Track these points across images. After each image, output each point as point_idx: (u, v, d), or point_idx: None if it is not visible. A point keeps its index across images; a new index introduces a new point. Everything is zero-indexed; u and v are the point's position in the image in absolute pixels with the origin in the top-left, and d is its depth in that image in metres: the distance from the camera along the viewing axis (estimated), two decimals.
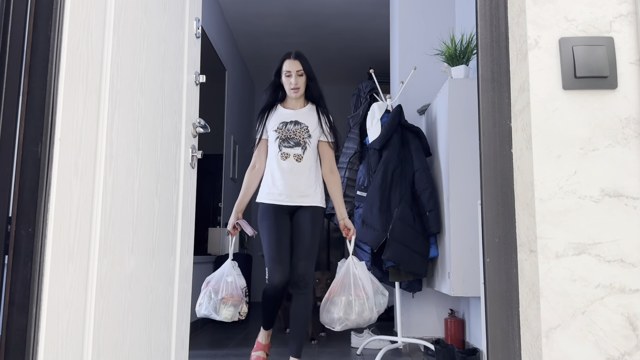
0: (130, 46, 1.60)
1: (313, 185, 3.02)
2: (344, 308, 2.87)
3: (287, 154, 3.00)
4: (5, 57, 1.32)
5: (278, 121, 3.07)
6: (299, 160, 3.00)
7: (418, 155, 3.66)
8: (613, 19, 1.29)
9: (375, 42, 6.41)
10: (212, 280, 3.03)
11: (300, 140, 3.02)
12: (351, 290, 2.89)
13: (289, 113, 3.11)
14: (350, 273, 2.93)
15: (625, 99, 1.26)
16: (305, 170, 3.00)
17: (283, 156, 3.00)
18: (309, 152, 3.03)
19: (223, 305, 2.93)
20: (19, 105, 1.33)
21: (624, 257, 1.22)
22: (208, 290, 3.00)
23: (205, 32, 4.88)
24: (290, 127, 3.04)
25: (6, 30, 1.32)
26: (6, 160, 1.30)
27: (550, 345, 1.20)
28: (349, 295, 2.88)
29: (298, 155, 3.00)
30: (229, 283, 2.97)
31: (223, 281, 2.98)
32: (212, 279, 3.04)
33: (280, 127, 3.05)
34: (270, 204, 3.00)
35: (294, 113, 3.10)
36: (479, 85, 1.40)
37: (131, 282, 1.59)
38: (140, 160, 1.65)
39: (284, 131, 3.03)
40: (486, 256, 1.35)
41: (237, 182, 6.58)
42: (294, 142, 3.01)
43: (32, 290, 1.25)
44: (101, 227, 1.43)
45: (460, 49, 3.64)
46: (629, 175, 1.24)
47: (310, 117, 3.09)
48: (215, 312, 2.93)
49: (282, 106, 3.16)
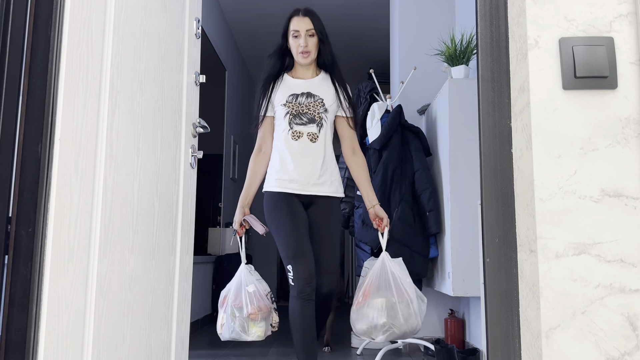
0: (130, 46, 1.60)
1: (330, 171, 2.53)
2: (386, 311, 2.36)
3: (299, 133, 2.49)
4: (5, 57, 1.32)
5: (287, 93, 2.55)
6: (313, 140, 2.49)
7: (418, 155, 3.66)
8: (613, 19, 1.29)
9: (375, 42, 6.41)
10: (229, 295, 2.50)
11: (315, 115, 2.51)
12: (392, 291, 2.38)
13: (299, 83, 2.59)
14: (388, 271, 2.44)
15: (625, 99, 1.26)
16: (320, 152, 2.50)
17: (294, 135, 2.49)
18: (325, 130, 2.52)
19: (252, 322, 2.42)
20: (19, 105, 1.33)
21: (624, 257, 1.21)
22: (229, 307, 2.47)
23: (205, 32, 4.88)
24: (302, 100, 2.52)
25: (6, 30, 1.32)
26: (6, 160, 1.30)
27: (550, 345, 1.20)
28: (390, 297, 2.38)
29: (313, 134, 2.49)
30: (251, 294, 2.46)
31: (244, 293, 2.46)
32: (229, 292, 2.51)
33: (289, 100, 2.53)
34: (281, 192, 2.50)
35: (305, 83, 2.59)
36: (479, 85, 1.40)
37: (131, 282, 1.59)
38: (140, 160, 1.65)
39: (294, 105, 2.51)
40: (486, 256, 1.35)
41: (237, 182, 6.58)
42: (307, 118, 2.50)
43: (32, 290, 1.25)
44: (101, 227, 1.43)
45: (460, 49, 3.64)
46: (629, 175, 1.24)
47: (325, 88, 2.59)
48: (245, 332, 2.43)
49: (290, 76, 2.64)
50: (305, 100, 2.52)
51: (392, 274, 2.43)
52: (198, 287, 4.74)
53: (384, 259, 2.46)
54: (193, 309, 3.85)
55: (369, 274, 2.47)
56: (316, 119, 2.51)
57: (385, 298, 2.37)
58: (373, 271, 2.46)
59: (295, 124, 2.50)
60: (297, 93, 2.55)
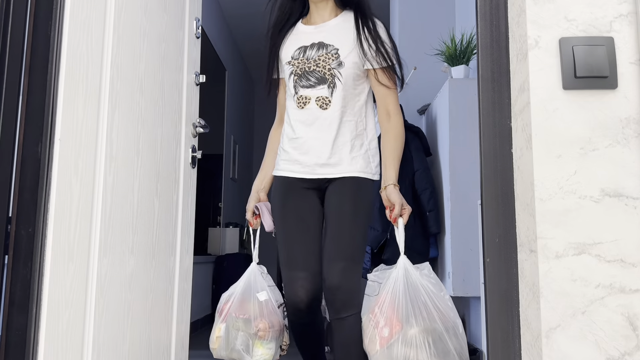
0: (130, 46, 1.60)
1: (349, 146, 1.87)
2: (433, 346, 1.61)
3: (305, 99, 1.89)
4: (5, 57, 1.32)
5: (294, 47, 1.95)
6: (324, 106, 1.87)
7: (418, 155, 3.66)
8: (613, 19, 1.29)
9: None
10: (232, 300, 1.88)
11: (326, 73, 1.87)
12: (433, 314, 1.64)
13: (309, 31, 1.95)
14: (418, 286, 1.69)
15: (625, 99, 1.26)
16: (334, 122, 1.86)
17: (300, 102, 1.90)
18: (342, 92, 1.86)
19: (260, 341, 1.82)
20: (19, 105, 1.33)
21: (624, 257, 1.21)
22: (231, 317, 1.86)
23: (205, 32, 4.88)
24: (312, 53, 1.90)
25: (6, 30, 1.32)
26: (6, 160, 1.30)
27: (551, 345, 1.20)
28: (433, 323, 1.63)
29: (323, 99, 1.87)
30: (262, 304, 1.86)
31: (253, 301, 1.86)
32: (233, 297, 1.89)
33: (295, 55, 1.93)
34: (287, 177, 1.93)
35: (317, 30, 1.94)
36: (479, 85, 1.40)
37: (131, 282, 1.59)
38: (140, 160, 1.65)
39: (301, 62, 1.90)
40: (486, 256, 1.35)
41: (237, 182, 6.57)
42: (316, 77, 1.88)
43: (32, 290, 1.25)
44: (101, 227, 1.43)
45: (461, 48, 3.63)
46: (629, 175, 1.24)
47: (343, 33, 1.91)
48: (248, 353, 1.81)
49: (303, 23, 2.00)
50: (315, 54, 1.89)
51: (425, 289, 1.68)
52: (198, 287, 4.73)
53: (405, 266, 1.73)
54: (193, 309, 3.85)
55: (386, 290, 1.70)
56: (327, 78, 1.86)
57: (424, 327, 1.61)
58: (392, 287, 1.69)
59: (301, 87, 1.90)
60: (305, 45, 1.93)
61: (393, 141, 1.90)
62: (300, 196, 1.92)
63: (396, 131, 1.91)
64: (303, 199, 1.91)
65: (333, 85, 1.87)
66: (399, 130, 1.91)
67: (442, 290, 1.71)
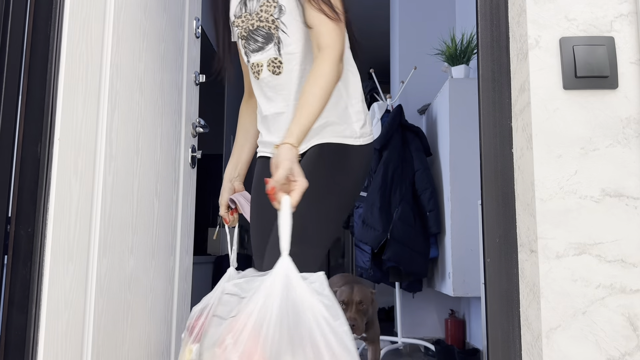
0: (130, 46, 1.60)
1: None
2: None
3: (258, 66, 1.52)
4: (5, 57, 1.32)
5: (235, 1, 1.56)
6: (276, 70, 1.49)
7: (418, 155, 3.67)
8: (614, 19, 1.28)
9: (375, 42, 6.41)
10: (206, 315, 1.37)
11: (271, 27, 1.47)
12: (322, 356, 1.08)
13: None
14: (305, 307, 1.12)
15: (625, 98, 1.26)
16: (291, 88, 1.48)
17: (254, 71, 1.54)
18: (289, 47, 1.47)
19: None
20: (18, 104, 1.33)
21: (624, 257, 1.21)
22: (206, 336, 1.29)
23: (205, 31, 4.87)
24: (253, 5, 1.50)
25: (6, 30, 1.32)
26: (6, 160, 1.30)
27: (551, 345, 1.20)
28: None
29: (273, 62, 1.49)
30: None
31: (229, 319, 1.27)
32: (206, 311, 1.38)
33: (237, 12, 1.54)
34: (260, 156, 1.64)
35: None
36: (479, 85, 1.40)
37: (131, 282, 1.58)
38: (139, 160, 1.64)
39: (244, 20, 1.52)
40: (487, 256, 1.35)
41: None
42: (262, 36, 1.49)
43: (31, 290, 1.24)
44: (101, 227, 1.43)
45: (461, 48, 3.63)
46: (629, 175, 1.24)
47: None
48: None
49: None
50: (255, 6, 1.49)
51: (314, 314, 1.11)
52: (198, 287, 4.73)
53: (287, 275, 1.14)
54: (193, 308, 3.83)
55: (249, 311, 1.12)
56: (272, 33, 1.47)
57: None
58: (260, 306, 1.11)
59: (251, 52, 1.53)
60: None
61: (310, 84, 1.33)
62: None
63: (318, 71, 1.34)
64: None
65: (279, 41, 1.47)
66: (324, 69, 1.34)
67: (339, 317, 1.12)
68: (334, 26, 1.42)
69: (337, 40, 1.41)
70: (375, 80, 4.09)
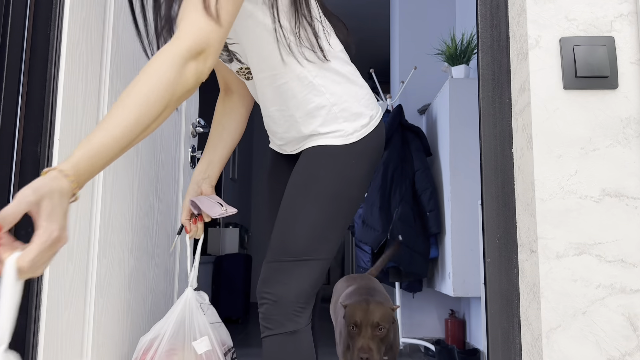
0: (130, 45, 1.60)
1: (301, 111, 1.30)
2: None
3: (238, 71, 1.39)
4: (5, 57, 1.32)
5: None
6: (248, 77, 1.38)
7: (418, 155, 3.66)
8: (614, 19, 1.28)
9: (375, 42, 6.41)
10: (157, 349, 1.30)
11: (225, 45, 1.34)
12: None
13: None
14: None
15: (626, 98, 1.26)
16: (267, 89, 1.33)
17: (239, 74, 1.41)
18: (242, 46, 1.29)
19: None
20: (18, 104, 1.33)
21: (624, 257, 1.21)
22: None
23: None
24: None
25: (6, 30, 1.32)
26: (6, 159, 1.30)
27: (551, 345, 1.19)
28: None
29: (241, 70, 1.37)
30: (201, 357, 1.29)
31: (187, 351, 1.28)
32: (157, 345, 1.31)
33: None
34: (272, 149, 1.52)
35: None
36: (479, 84, 1.40)
37: (131, 282, 1.58)
38: (139, 160, 1.64)
39: None
40: (487, 256, 1.35)
41: (237, 182, 6.57)
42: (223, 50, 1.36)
43: (31, 290, 1.24)
44: (101, 227, 1.43)
45: (461, 48, 3.63)
46: (629, 175, 1.24)
47: None
48: None
49: None
50: None
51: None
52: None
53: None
54: None
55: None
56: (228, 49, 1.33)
57: None
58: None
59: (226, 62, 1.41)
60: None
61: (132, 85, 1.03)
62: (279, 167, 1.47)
63: (155, 62, 1.03)
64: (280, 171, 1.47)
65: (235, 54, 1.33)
66: (158, 59, 1.02)
67: None
68: (194, 5, 1.03)
69: (195, 22, 1.02)
70: (375, 80, 4.09)
